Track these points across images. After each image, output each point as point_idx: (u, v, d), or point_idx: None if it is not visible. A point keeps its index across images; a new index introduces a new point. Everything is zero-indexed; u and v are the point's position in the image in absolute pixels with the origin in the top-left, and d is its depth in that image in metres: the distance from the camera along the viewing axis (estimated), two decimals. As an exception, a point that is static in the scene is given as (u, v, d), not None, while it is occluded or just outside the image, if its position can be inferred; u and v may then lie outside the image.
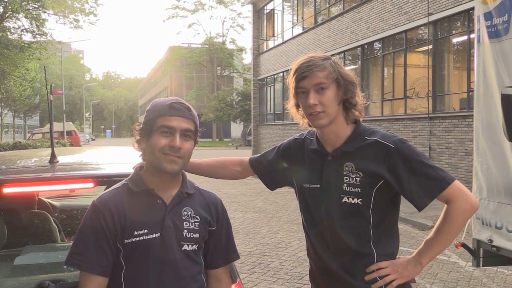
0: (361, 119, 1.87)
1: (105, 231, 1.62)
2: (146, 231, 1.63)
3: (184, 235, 1.68)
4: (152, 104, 1.72)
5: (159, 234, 1.64)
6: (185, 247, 1.68)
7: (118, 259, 1.65)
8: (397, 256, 1.86)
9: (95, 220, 1.64)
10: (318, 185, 1.85)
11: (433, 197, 1.73)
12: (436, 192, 1.72)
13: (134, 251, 1.63)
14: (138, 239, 1.62)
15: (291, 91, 1.85)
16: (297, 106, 1.87)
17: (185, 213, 1.71)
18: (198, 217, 1.73)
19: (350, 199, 1.77)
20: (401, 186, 1.73)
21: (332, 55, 1.90)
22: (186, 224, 1.69)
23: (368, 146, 1.78)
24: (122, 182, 1.74)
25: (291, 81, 1.82)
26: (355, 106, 1.81)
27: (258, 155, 2.13)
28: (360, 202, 1.76)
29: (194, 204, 1.75)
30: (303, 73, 1.75)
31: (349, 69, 1.84)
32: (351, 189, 1.77)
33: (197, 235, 1.71)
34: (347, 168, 1.78)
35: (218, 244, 1.81)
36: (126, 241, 1.62)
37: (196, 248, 1.72)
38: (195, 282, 1.71)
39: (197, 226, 1.71)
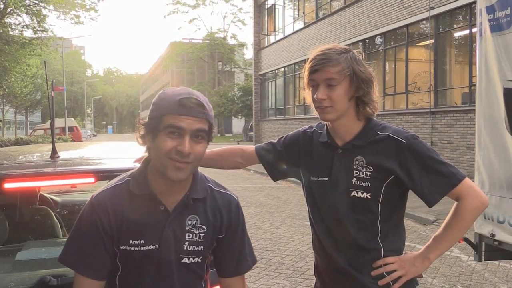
0: (374, 116, 1.83)
1: (101, 233, 1.50)
2: (142, 241, 1.49)
3: (185, 248, 1.53)
4: (160, 96, 1.50)
5: (156, 246, 1.50)
6: (185, 260, 1.54)
7: (115, 261, 1.54)
8: (403, 251, 1.85)
9: (91, 220, 1.51)
10: (327, 179, 1.83)
11: (444, 194, 1.72)
12: (448, 189, 1.71)
13: (129, 257, 1.52)
14: (133, 248, 1.50)
15: (305, 81, 1.81)
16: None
17: (190, 222, 1.54)
18: (204, 227, 1.56)
19: (360, 193, 1.75)
20: (413, 182, 1.72)
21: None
22: (188, 236, 1.53)
23: (380, 141, 1.76)
24: (126, 177, 1.58)
25: (305, 71, 1.79)
26: (368, 104, 1.77)
27: (265, 143, 2.09)
28: (369, 197, 1.74)
29: (202, 211, 1.57)
30: (315, 66, 1.72)
31: (368, 64, 1.80)
32: (361, 183, 1.75)
33: (201, 247, 1.55)
34: (357, 162, 1.77)
35: (228, 253, 1.64)
36: (121, 247, 1.51)
37: (200, 260, 1.57)
38: None
39: (201, 237, 1.55)
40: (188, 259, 1.54)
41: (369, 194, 1.75)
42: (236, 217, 1.65)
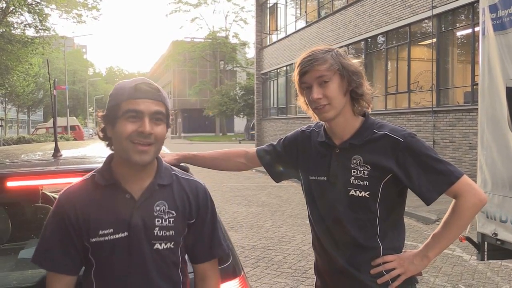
0: (369, 110, 1.85)
1: (69, 230, 1.52)
2: (111, 230, 1.51)
3: (156, 234, 1.54)
4: (116, 87, 1.54)
5: (126, 233, 1.52)
6: (157, 246, 1.55)
7: (88, 257, 1.55)
8: (403, 250, 1.85)
9: (58, 217, 1.54)
10: (325, 178, 1.83)
11: (442, 192, 1.73)
12: (445, 187, 1.71)
13: (101, 250, 1.52)
14: (103, 239, 1.51)
15: (297, 88, 1.83)
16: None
17: (158, 208, 1.56)
18: (173, 212, 1.57)
19: (358, 192, 1.76)
20: (410, 180, 1.73)
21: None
22: (158, 221, 1.55)
23: (377, 140, 1.77)
24: (92, 173, 1.62)
25: (295, 78, 1.81)
26: (362, 96, 1.78)
27: (266, 145, 2.11)
28: (367, 196, 1.75)
29: (169, 197, 1.59)
30: (304, 68, 1.75)
31: (354, 60, 1.82)
32: (359, 182, 1.76)
33: (172, 232, 1.56)
34: (354, 161, 1.77)
35: (200, 238, 1.65)
36: (91, 240, 1.52)
37: (172, 246, 1.58)
38: (169, 281, 1.59)
39: (171, 222, 1.56)
40: (160, 245, 1.55)
41: (367, 193, 1.75)
42: (205, 201, 1.66)
